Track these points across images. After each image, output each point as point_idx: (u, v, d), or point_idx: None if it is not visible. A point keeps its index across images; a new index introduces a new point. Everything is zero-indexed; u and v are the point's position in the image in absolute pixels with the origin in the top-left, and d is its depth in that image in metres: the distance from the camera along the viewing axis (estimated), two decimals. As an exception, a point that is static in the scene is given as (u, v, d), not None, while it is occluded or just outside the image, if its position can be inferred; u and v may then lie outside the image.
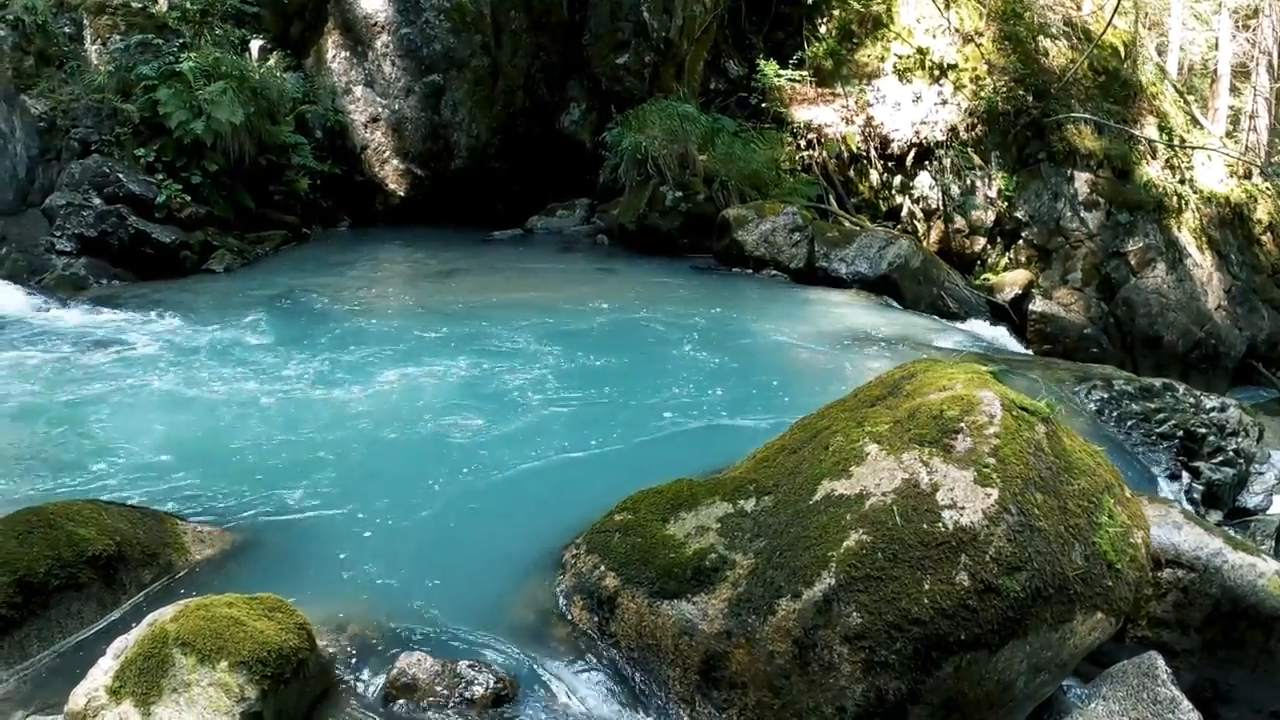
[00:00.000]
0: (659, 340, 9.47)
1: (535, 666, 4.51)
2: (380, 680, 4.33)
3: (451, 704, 4.19)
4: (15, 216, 13.52)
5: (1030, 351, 14.08)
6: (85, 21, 14.76)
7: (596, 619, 4.68)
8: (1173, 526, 5.18)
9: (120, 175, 13.02)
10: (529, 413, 7.55)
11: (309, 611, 4.35)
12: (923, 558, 4.02)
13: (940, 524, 4.08)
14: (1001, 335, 13.18)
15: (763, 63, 17.26)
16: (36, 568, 4.65)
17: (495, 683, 4.25)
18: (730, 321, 10.29)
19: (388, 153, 15.47)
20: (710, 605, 4.31)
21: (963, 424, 4.43)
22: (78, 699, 3.85)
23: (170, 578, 5.16)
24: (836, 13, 17.92)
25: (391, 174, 15.53)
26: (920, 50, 17.31)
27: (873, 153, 17.03)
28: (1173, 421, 7.52)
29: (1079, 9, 19.09)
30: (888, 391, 5.03)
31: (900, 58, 17.39)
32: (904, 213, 16.93)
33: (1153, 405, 7.65)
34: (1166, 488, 7.09)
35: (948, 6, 17.44)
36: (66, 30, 14.65)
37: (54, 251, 12.52)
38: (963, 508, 4.11)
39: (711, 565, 4.44)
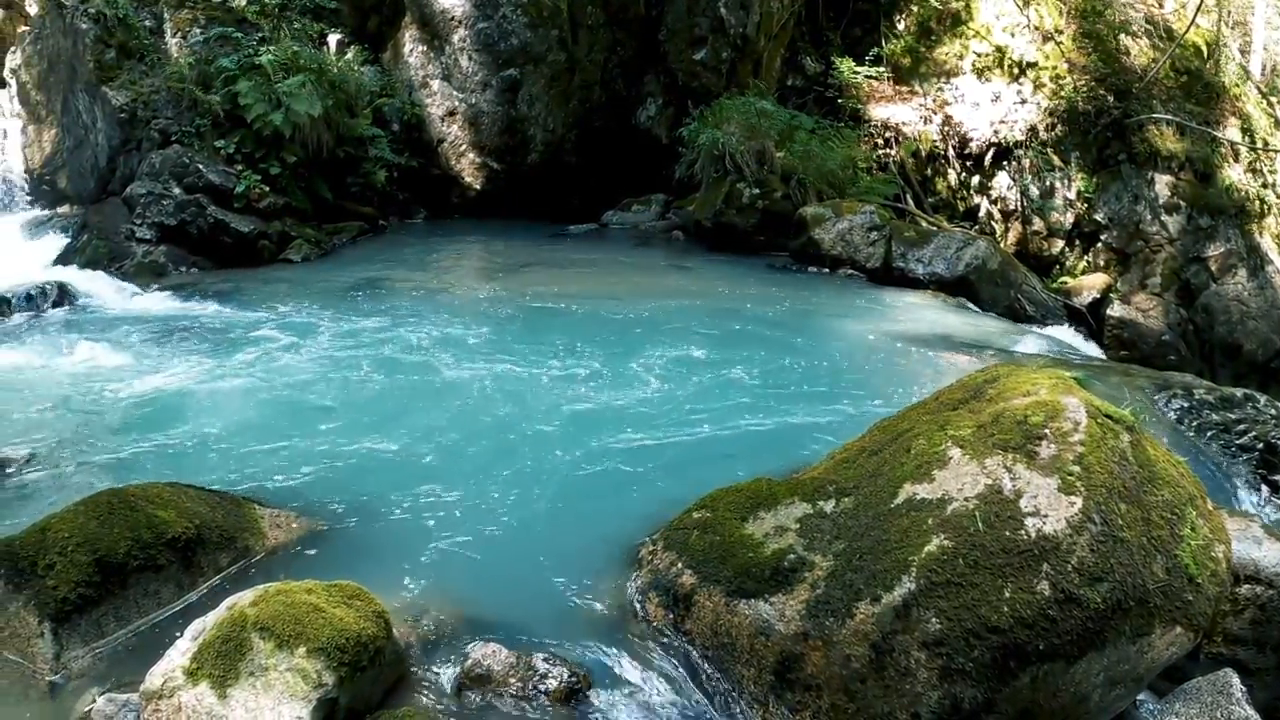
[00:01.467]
0: (734, 338, 9.43)
1: (609, 661, 4.49)
2: (454, 670, 4.33)
3: (525, 696, 4.18)
4: (97, 205, 13.78)
5: (1107, 357, 13.88)
6: (165, 15, 14.95)
7: (672, 616, 4.65)
8: (1253, 541, 5.05)
9: (200, 165, 13.20)
10: (602, 407, 7.55)
11: (384, 599, 4.37)
12: (1004, 565, 3.95)
13: (1023, 531, 4.01)
14: (1078, 340, 12.98)
15: (839, 59, 17.14)
16: (116, 548, 4.72)
17: (569, 676, 4.24)
18: (806, 320, 10.23)
19: (464, 146, 15.52)
20: (788, 606, 4.26)
21: (1047, 430, 4.35)
22: (154, 679, 3.89)
23: (247, 561, 5.21)
24: (915, 9, 17.74)
25: (468, 167, 15.58)
26: (999, 48, 17.13)
27: (951, 152, 16.88)
28: (1253, 433, 7.33)
29: (1160, 6, 18.77)
30: (970, 395, 4.96)
31: (979, 55, 17.21)
32: (982, 213, 16.77)
33: (1233, 416, 7.47)
34: (1246, 500, 6.95)
35: (1027, 4, 17.23)
36: (147, 24, 14.87)
37: (134, 239, 12.74)
38: (1046, 515, 4.04)
39: (790, 566, 4.40)
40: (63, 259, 12.55)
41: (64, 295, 11.03)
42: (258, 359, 8.81)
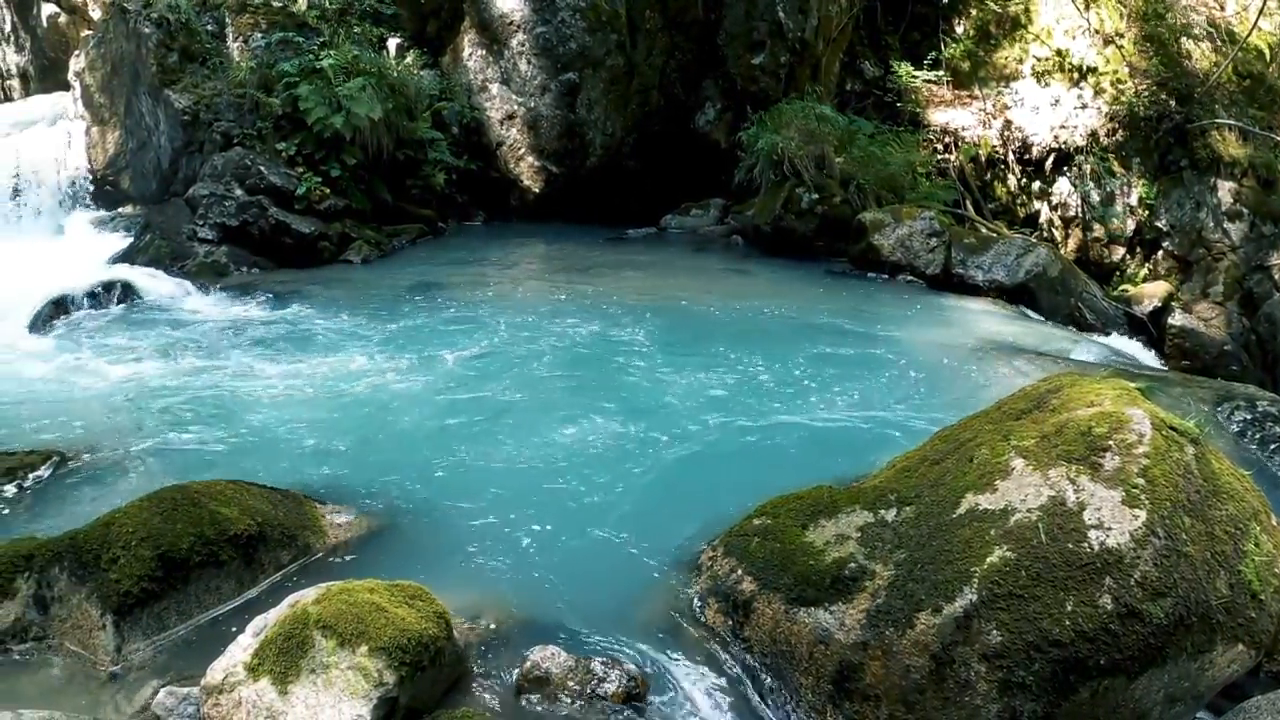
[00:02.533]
0: (793, 344, 9.39)
1: (667, 666, 4.49)
2: (513, 672, 4.36)
3: (583, 699, 4.19)
4: (159, 205, 13.97)
5: (1168, 367, 13.71)
6: (227, 19, 15.14)
7: (730, 622, 4.65)
8: (1316, 558, 4.98)
9: (261, 167, 13.33)
10: (660, 411, 7.56)
11: (443, 598, 4.39)
12: (1066, 578, 3.92)
13: (1086, 544, 3.97)
14: (1138, 349, 12.83)
15: (898, 63, 17.04)
16: (179, 544, 4.79)
17: (627, 680, 4.24)
18: (866, 327, 10.16)
19: (523, 149, 15.57)
20: (848, 615, 4.25)
21: (1111, 442, 4.30)
22: (215, 673, 3.93)
23: (308, 559, 5.29)
24: (974, 12, 17.54)
25: (526, 170, 15.63)
26: (1059, 52, 16.93)
27: (1010, 157, 16.72)
28: (1318, 447, 7.24)
29: (1222, 9, 18.50)
30: (1033, 405, 4.91)
31: (1039, 59, 17.03)
32: (1041, 219, 16.60)
33: (1297, 429, 7.38)
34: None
35: (1087, 7, 17.02)
36: (209, 28, 15.07)
37: (196, 239, 12.90)
38: (1109, 528, 4.00)
39: (851, 575, 4.38)
40: (125, 257, 12.68)
41: (127, 293, 11.19)
42: (318, 358, 8.90)
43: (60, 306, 10.69)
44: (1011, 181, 16.77)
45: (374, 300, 10.84)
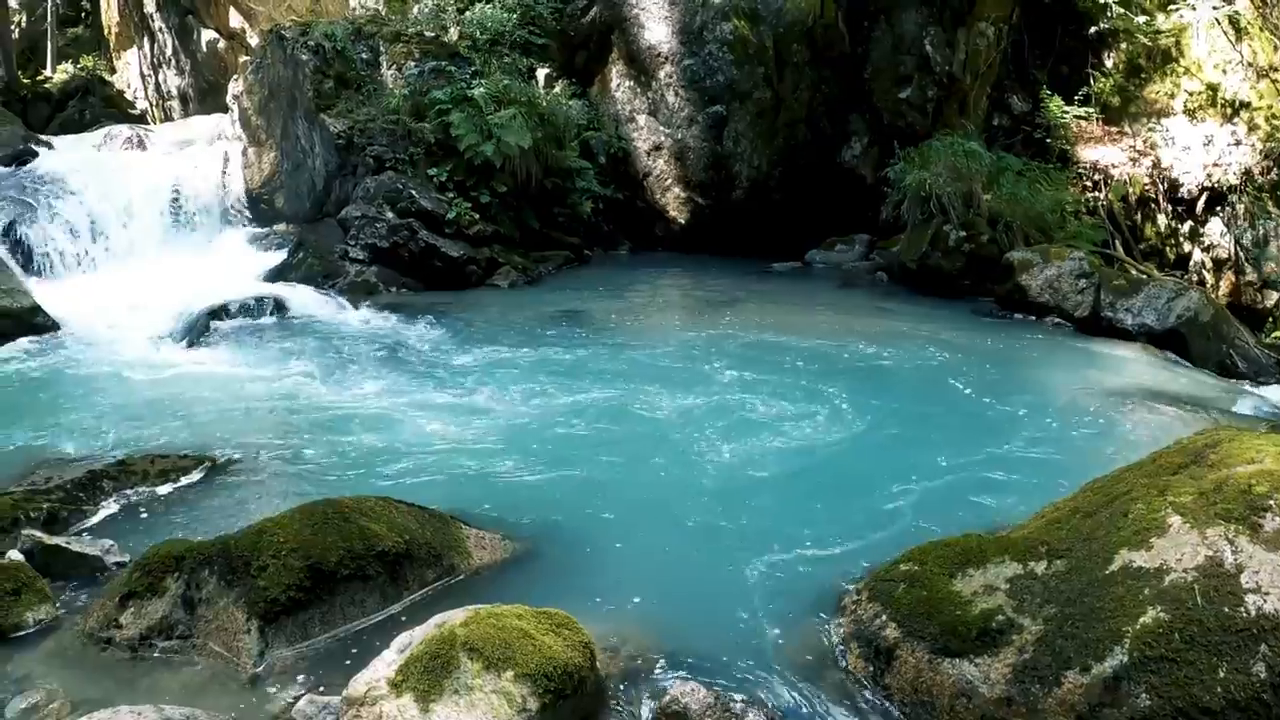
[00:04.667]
0: (937, 385, 9.23)
1: (805, 710, 4.38)
2: (651, 705, 4.28)
3: (721, 737, 4.11)
4: (312, 225, 14.30)
5: (1325, 422, 13.17)
6: (381, 48, 15.47)
7: (872, 669, 4.53)
8: None
9: (413, 191, 13.58)
10: (802, 448, 7.47)
11: (584, 627, 4.35)
12: (1220, 643, 3.73)
13: (1242, 609, 3.79)
14: (1293, 401, 12.36)
15: (1047, 98, 16.73)
16: (328, 556, 4.86)
17: (765, 721, 4.15)
18: (1012, 370, 9.94)
19: (669, 180, 15.61)
20: (993, 669, 4.12)
21: (1272, 501, 4.10)
22: (358, 686, 3.92)
23: (451, 579, 5.29)
24: (1123, 45, 17.15)
25: (672, 201, 15.66)
26: (1211, 86, 16.47)
27: (1161, 196, 16.30)
28: None
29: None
30: (1190, 459, 4.72)
31: (1190, 94, 16.59)
32: (1193, 261, 16.14)
33: None
34: None
35: (1240, 39, 16.55)
36: (363, 56, 15.43)
37: (347, 259, 13.19)
38: (1267, 593, 3.80)
39: (998, 627, 4.25)
40: (278, 273, 13.09)
41: (279, 307, 11.52)
42: (464, 380, 9.01)
43: (215, 317, 11.04)
44: (1162, 221, 16.34)
45: (520, 325, 10.94)
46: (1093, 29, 17.07)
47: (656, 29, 15.42)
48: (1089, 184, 16.36)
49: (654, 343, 10.41)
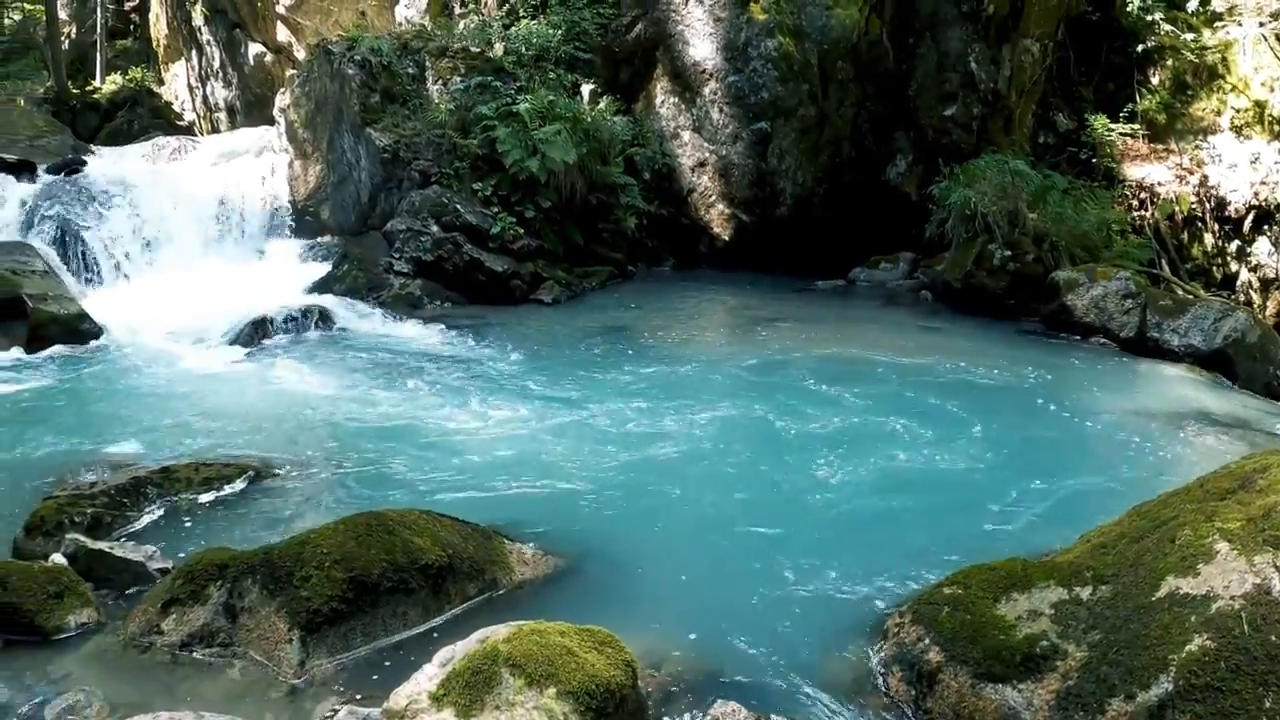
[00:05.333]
0: (981, 407, 9.12)
1: (845, 732, 4.36)
2: (692, 724, 4.26)
3: (760, 759, 4.08)
4: (357, 237, 14.38)
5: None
6: (427, 63, 15.56)
7: (914, 692, 4.48)
8: None
9: (458, 205, 13.64)
10: (843, 468, 7.41)
11: (625, 643, 4.33)
12: (1267, 672, 3.66)
13: (1289, 637, 3.74)
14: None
15: (1092, 116, 16.60)
16: (371, 569, 4.86)
17: (806, 743, 4.12)
18: (1057, 392, 9.81)
19: (713, 197, 15.60)
20: (1036, 695, 4.07)
21: (1322, 529, 4.07)
22: (399, 698, 3.91)
23: (493, 594, 5.29)
24: (1169, 62, 16.98)
25: (716, 218, 15.65)
26: (1259, 103, 16.27)
27: (1208, 215, 16.13)
28: None
29: None
30: (1238, 484, 4.65)
31: (1237, 111, 16.41)
32: (1240, 281, 15.95)
33: None
34: None
35: (1286, 54, 16.41)
36: (409, 71, 15.52)
37: (392, 271, 13.28)
38: (1315, 621, 3.76)
39: (1042, 653, 4.20)
40: (323, 285, 13.15)
41: (324, 319, 11.59)
42: (507, 395, 9.02)
43: (260, 327, 11.10)
44: (1209, 241, 16.15)
45: (564, 341, 10.98)
46: (1139, 46, 16.94)
47: (701, 45, 15.43)
48: (1135, 202, 16.20)
49: (698, 360, 10.40)
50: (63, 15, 26.88)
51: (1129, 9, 16.66)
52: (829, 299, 14.37)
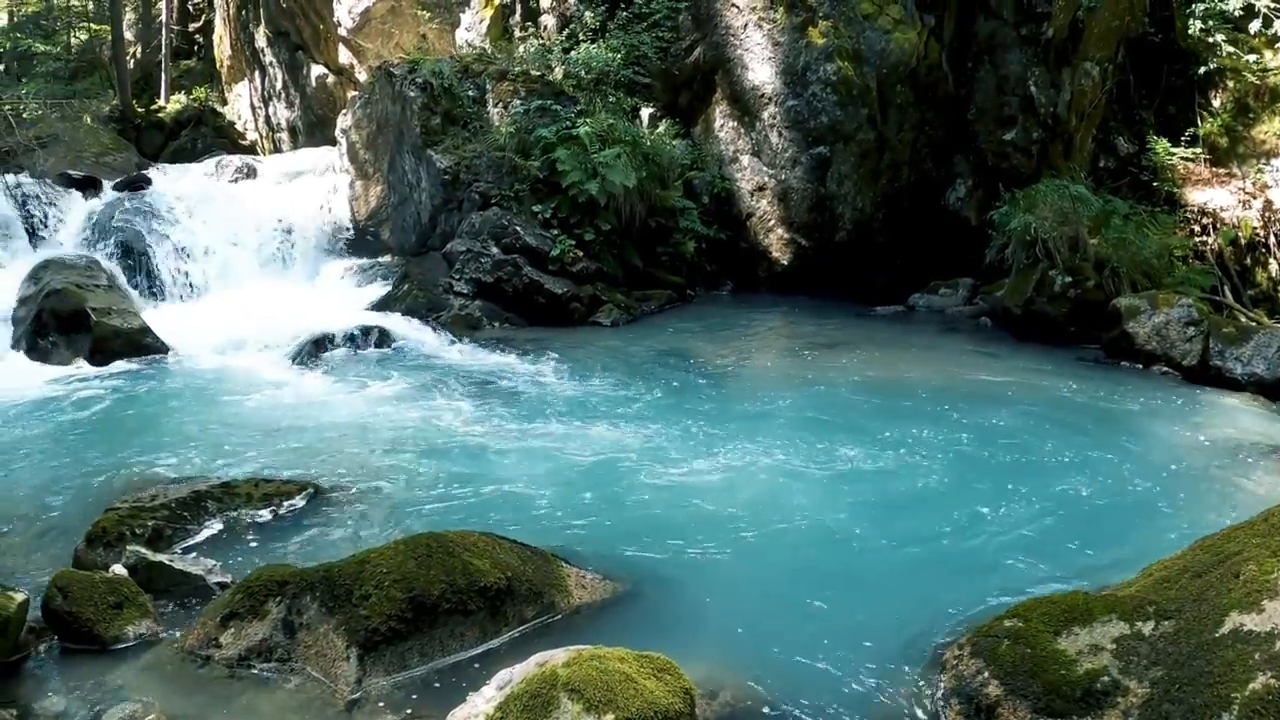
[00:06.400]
0: (1042, 436, 9.03)
1: (901, 765, 4.33)
2: (749, 754, 4.25)
3: (817, 791, 4.06)
4: (417, 258, 14.52)
5: None
6: (487, 86, 15.70)
7: (971, 726, 4.45)
8: None
9: (518, 228, 13.73)
10: (904, 497, 7.38)
11: (683, 670, 4.32)
12: None
13: (1353, 677, 3.68)
14: None
15: (1153, 140, 16.42)
16: (431, 589, 4.90)
17: (863, 777, 4.10)
18: (1118, 421, 9.69)
19: (772, 221, 15.56)
20: (1096, 732, 4.02)
21: (1388, 564, 4.00)
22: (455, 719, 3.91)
23: (550, 617, 5.29)
24: (1230, 84, 16.76)
25: (775, 242, 15.60)
26: (1322, 124, 16.11)
27: (1272, 240, 15.89)
28: None
29: None
30: (1304, 518, 4.60)
31: (1301, 133, 16.22)
32: (1305, 308, 15.70)
33: None
34: None
35: (1349, 75, 16.17)
36: (470, 93, 15.69)
37: (451, 292, 13.37)
38: (1381, 661, 3.69)
39: (1103, 689, 4.16)
40: (383, 304, 13.32)
41: (384, 338, 11.72)
42: (565, 417, 9.04)
43: (320, 345, 11.24)
44: (1273, 266, 15.89)
45: (623, 364, 10.98)
46: (1200, 68, 16.76)
47: (760, 70, 15.42)
48: (1196, 228, 15.98)
49: (756, 385, 10.40)
50: (128, 36, 27.30)
51: (1190, 31, 16.47)
52: (888, 325, 14.28)
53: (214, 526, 6.40)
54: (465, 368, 10.83)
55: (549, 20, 17.52)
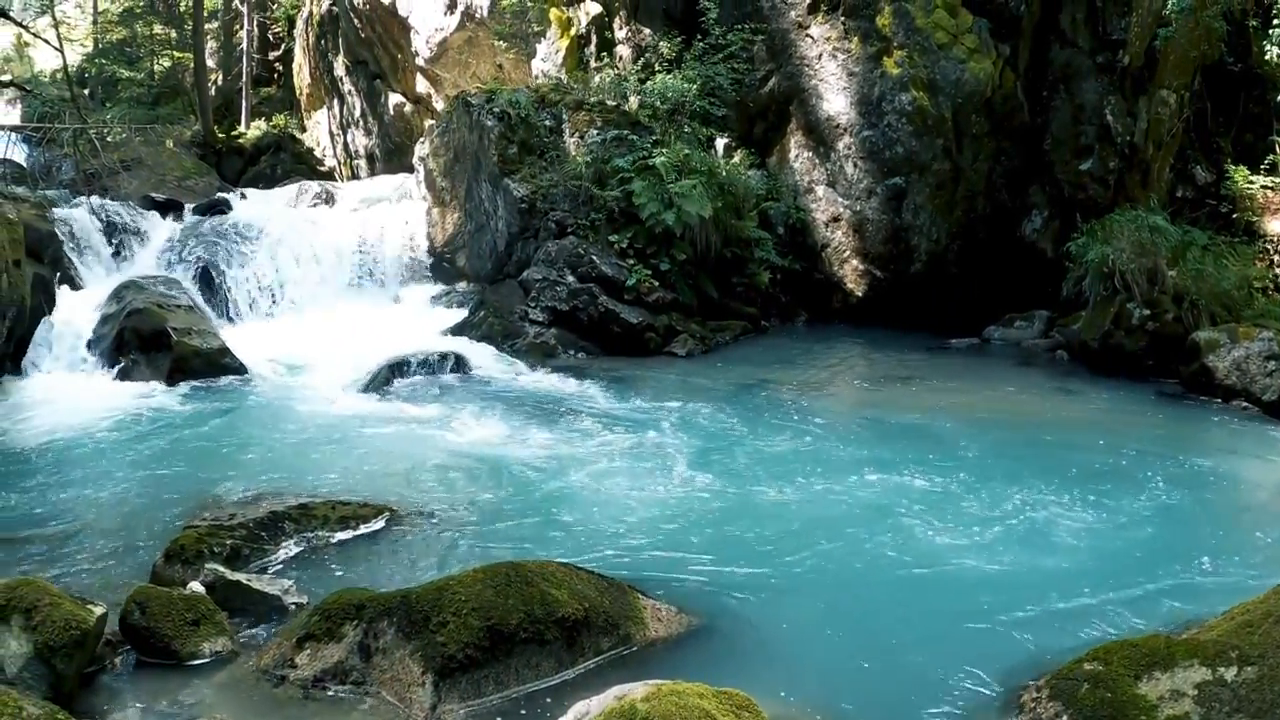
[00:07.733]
0: (1118, 473, 8.92)
1: (980, 811, 4.29)
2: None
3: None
4: (494, 286, 14.64)
5: None
6: (564, 116, 15.79)
7: (1050, 771, 4.39)
8: None
9: (594, 257, 13.80)
10: (982, 536, 7.28)
11: (763, 708, 4.31)
12: None
13: None
14: None
15: (1232, 168, 16.16)
16: (509, 619, 4.93)
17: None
18: (1198, 459, 9.48)
19: (847, 252, 15.50)
20: (1178, 780, 3.97)
21: None
22: (531, 749, 3.95)
23: (626, 649, 5.30)
24: (1309, 109, 16.55)
25: (850, 273, 15.54)
26: (1403, 150, 15.77)
27: (1355, 270, 15.60)
28: None
29: None
30: (1391, 561, 4.52)
31: (1379, 209, 15.86)
32: (1390, 341, 15.35)
33: None
34: None
35: None
36: (547, 123, 15.79)
37: (527, 320, 13.48)
38: None
39: (1184, 736, 4.09)
40: (459, 330, 13.43)
41: (459, 364, 11.83)
42: (641, 448, 9.05)
43: (396, 370, 11.36)
44: (1356, 299, 15.59)
45: (698, 396, 10.94)
46: (1279, 95, 16.51)
47: (835, 100, 15.40)
48: (1277, 257, 15.72)
49: (833, 418, 10.33)
50: (210, 63, 27.85)
51: (1268, 56, 16.18)
52: (963, 358, 14.18)
53: (291, 547, 6.48)
54: (541, 395, 10.89)
55: (624, 50, 17.61)
